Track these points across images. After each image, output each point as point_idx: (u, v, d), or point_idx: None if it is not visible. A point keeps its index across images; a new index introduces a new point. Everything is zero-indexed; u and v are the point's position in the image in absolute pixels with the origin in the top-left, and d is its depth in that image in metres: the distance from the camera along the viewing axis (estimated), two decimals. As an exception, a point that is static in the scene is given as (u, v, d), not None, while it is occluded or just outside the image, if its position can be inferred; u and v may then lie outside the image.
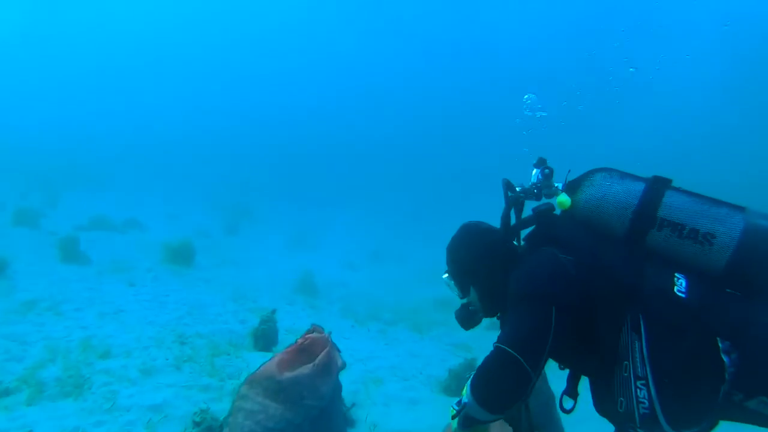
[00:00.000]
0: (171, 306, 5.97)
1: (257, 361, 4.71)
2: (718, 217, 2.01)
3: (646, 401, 1.88)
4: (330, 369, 3.36)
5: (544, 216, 2.39)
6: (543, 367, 2.08)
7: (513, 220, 2.67)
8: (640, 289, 2.03)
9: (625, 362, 1.95)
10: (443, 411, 4.59)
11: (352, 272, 10.79)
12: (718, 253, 1.98)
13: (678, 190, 2.15)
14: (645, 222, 2.10)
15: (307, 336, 3.53)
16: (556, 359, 2.36)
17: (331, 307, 7.54)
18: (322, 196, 21.21)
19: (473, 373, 2.13)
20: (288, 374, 3.20)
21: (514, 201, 2.55)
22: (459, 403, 2.25)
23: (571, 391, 2.28)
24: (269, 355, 5.01)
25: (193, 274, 7.98)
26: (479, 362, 3.19)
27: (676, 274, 2.05)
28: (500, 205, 2.69)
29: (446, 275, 2.72)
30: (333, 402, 3.26)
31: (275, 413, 3.04)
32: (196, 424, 3.15)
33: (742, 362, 1.84)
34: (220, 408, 3.63)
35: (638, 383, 1.91)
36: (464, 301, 2.70)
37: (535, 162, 2.53)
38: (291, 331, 5.89)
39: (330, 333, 3.77)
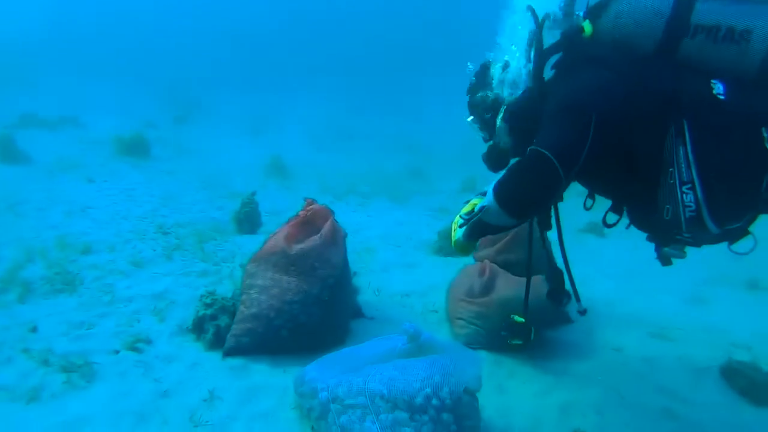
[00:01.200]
0: (141, 199, 5.61)
1: (246, 243, 4.59)
2: (752, 12, 1.92)
3: (692, 204, 1.89)
4: (337, 239, 3.25)
5: (575, 38, 2.24)
6: (572, 177, 2.06)
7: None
8: (680, 96, 1.97)
9: (671, 169, 1.94)
10: (440, 269, 4.72)
11: (321, 152, 10.45)
12: (757, 47, 1.91)
13: None
14: (679, 30, 2.00)
15: (308, 207, 3.36)
16: (597, 187, 2.32)
17: (306, 186, 7.34)
18: (277, 81, 19.85)
19: (501, 177, 2.08)
20: (297, 246, 3.08)
21: (540, 27, 2.33)
22: (469, 213, 2.31)
23: (616, 208, 2.28)
24: (256, 237, 4.87)
25: (154, 166, 7.48)
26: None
27: (711, 81, 1.98)
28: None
29: (470, 118, 2.55)
30: (344, 271, 3.19)
31: (290, 286, 2.96)
32: (208, 306, 3.04)
33: None
34: (222, 290, 3.53)
35: (684, 188, 1.91)
36: (490, 143, 2.57)
37: None
38: (272, 212, 5.73)
39: (313, 200, 3.60)
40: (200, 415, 2.31)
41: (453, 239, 2.35)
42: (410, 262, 4.83)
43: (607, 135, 1.95)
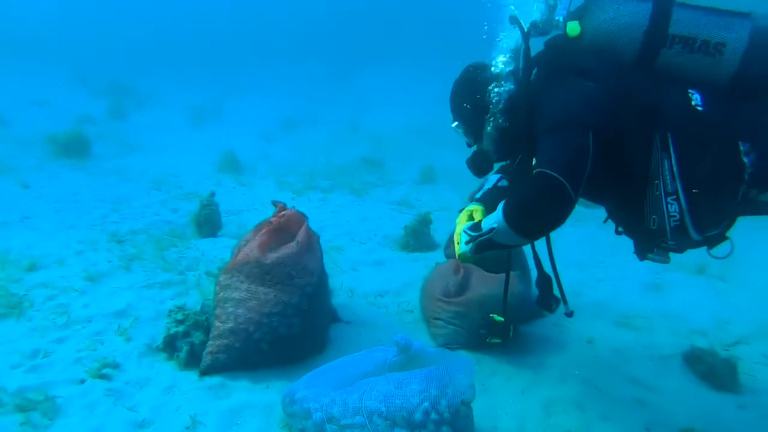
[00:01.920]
0: (88, 205, 5.25)
1: (209, 247, 4.40)
2: (726, 25, 2.00)
3: (677, 214, 1.99)
4: (312, 244, 3.16)
5: (559, 47, 2.27)
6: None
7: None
8: (662, 109, 2.04)
9: (656, 181, 2.02)
10: (409, 266, 4.71)
11: (270, 144, 10.17)
12: (729, 61, 2.01)
13: (683, 5, 2.09)
14: (657, 41, 2.07)
15: (281, 213, 3.23)
16: (590, 195, 2.35)
17: (263, 182, 7.11)
18: (218, 72, 19.04)
19: (507, 199, 2.13)
20: (272, 255, 2.96)
21: (527, 36, 2.33)
22: (473, 228, 2.31)
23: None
24: (219, 240, 4.69)
25: (97, 166, 7.02)
26: (428, 215, 2.98)
27: (689, 90, 2.07)
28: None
29: (455, 123, 2.52)
30: (322, 277, 3.11)
31: (268, 297, 2.84)
32: (179, 322, 2.87)
33: (759, 161, 1.95)
34: (190, 302, 3.37)
35: (669, 199, 2.00)
36: (474, 148, 2.56)
37: None
38: (231, 212, 5.53)
39: (294, 208, 3.48)
40: (184, 445, 2.19)
41: (458, 253, 2.34)
42: (379, 260, 4.79)
43: (600, 149, 1.99)
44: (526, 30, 2.30)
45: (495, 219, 2.10)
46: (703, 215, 1.99)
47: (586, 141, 1.97)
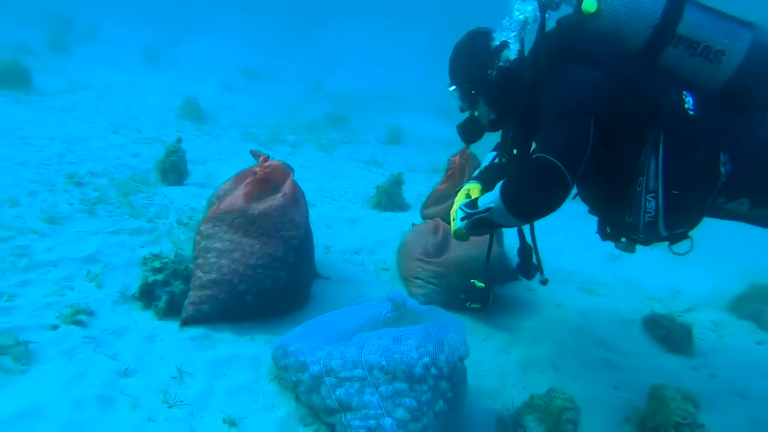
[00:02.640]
0: (39, 142, 4.84)
1: (177, 195, 4.20)
2: (730, 33, 2.06)
3: (652, 211, 2.11)
4: (298, 197, 3.07)
5: (568, 28, 2.27)
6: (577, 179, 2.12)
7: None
8: (659, 109, 2.11)
9: (641, 178, 2.12)
10: (383, 225, 4.70)
11: (233, 93, 9.72)
12: (725, 69, 2.08)
13: (695, 4, 2.12)
14: (665, 37, 2.10)
15: (265, 164, 3.10)
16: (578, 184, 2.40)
17: (227, 133, 6.81)
18: (166, 11, 17.73)
19: (505, 179, 2.18)
20: (259, 206, 2.86)
21: (543, 9, 2.32)
22: (470, 205, 2.33)
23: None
24: (186, 189, 4.49)
25: (43, 101, 6.46)
26: (401, 176, 2.98)
27: (683, 92, 2.14)
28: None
29: (453, 87, 2.47)
30: (307, 232, 3.04)
31: (253, 249, 2.76)
32: (157, 270, 2.74)
33: (732, 173, 2.08)
34: (161, 250, 3.22)
35: (648, 196, 2.11)
36: (467, 114, 2.52)
37: None
38: (196, 161, 5.28)
39: (268, 156, 3.36)
40: (173, 395, 2.12)
41: (453, 229, 2.37)
42: (352, 218, 4.75)
43: (598, 138, 2.03)
44: (541, 2, 2.28)
45: (492, 199, 2.15)
46: (675, 215, 2.12)
47: (588, 128, 2.02)
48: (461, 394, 2.16)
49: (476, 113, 2.47)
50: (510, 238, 3.56)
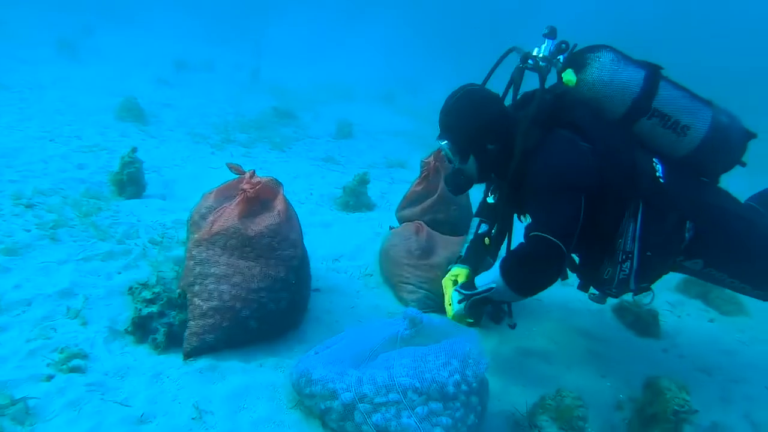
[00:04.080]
0: (-33, 157, 4.35)
1: (142, 211, 3.97)
2: (694, 111, 2.35)
3: (627, 269, 2.35)
4: (291, 213, 3.00)
5: (557, 96, 2.42)
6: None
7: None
8: (637, 179, 2.34)
9: (620, 240, 2.36)
10: (356, 227, 4.68)
11: (169, 88, 9.16)
12: (689, 143, 2.38)
13: (667, 81, 2.39)
14: (642, 110, 2.34)
15: (255, 180, 2.99)
16: None
17: (174, 135, 6.43)
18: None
19: (504, 258, 2.37)
20: (254, 227, 2.76)
21: (520, 73, 2.54)
22: (466, 287, 2.47)
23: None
24: (148, 202, 4.24)
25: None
26: (366, 175, 3.07)
27: (653, 159, 2.41)
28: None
29: (445, 142, 2.51)
30: (304, 248, 2.98)
31: (253, 272, 2.67)
32: (149, 301, 2.59)
33: (693, 238, 2.38)
34: (141, 276, 3.05)
35: (623, 257, 2.35)
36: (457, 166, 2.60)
37: (546, 32, 2.42)
38: (150, 169, 4.96)
39: (254, 171, 3.25)
40: (199, 437, 2.04)
41: (451, 313, 2.51)
42: (325, 221, 4.69)
43: (588, 210, 2.24)
44: (520, 66, 2.46)
45: (492, 278, 2.32)
46: (645, 274, 2.37)
47: (579, 203, 2.21)
48: (486, 405, 2.23)
49: (466, 167, 2.55)
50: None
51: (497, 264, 2.35)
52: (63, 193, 3.99)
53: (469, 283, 2.48)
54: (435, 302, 3.43)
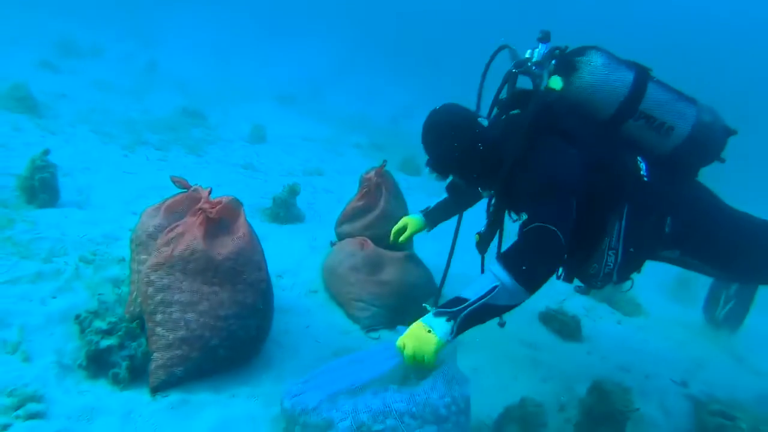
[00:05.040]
0: None
1: (62, 223, 3.60)
2: (679, 112, 2.52)
3: (611, 264, 2.50)
4: (253, 235, 2.91)
5: (546, 103, 2.48)
6: None
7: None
8: (623, 181, 2.48)
9: (606, 238, 2.49)
10: (291, 241, 4.65)
11: (58, 76, 8.18)
12: (672, 141, 2.55)
13: (654, 81, 2.53)
14: (629, 112, 2.49)
15: (216, 200, 2.84)
16: None
17: (77, 131, 5.77)
18: None
19: (502, 255, 2.21)
20: (221, 250, 2.64)
21: (510, 77, 2.56)
22: (452, 304, 2.14)
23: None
24: (68, 212, 3.86)
25: None
26: (296, 186, 3.17)
27: (638, 158, 2.55)
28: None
29: (428, 169, 2.59)
30: (268, 271, 2.91)
31: (220, 298, 2.56)
32: (106, 333, 2.36)
33: (672, 232, 2.57)
34: (80, 300, 2.78)
35: (610, 252, 2.49)
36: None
37: (540, 36, 2.50)
38: (61, 173, 4.42)
39: (211, 189, 3.11)
40: (190, 482, 1.92)
41: (431, 349, 2.04)
42: (258, 234, 4.52)
43: (578, 210, 2.32)
44: (512, 71, 2.52)
45: (489, 281, 2.10)
46: (627, 266, 2.55)
47: (571, 202, 2.29)
48: (469, 421, 2.37)
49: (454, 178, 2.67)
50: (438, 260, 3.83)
51: (493, 266, 2.15)
52: (-41, 201, 3.45)
53: (455, 300, 2.14)
54: (387, 318, 3.52)
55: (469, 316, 2.09)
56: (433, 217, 3.53)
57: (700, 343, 4.45)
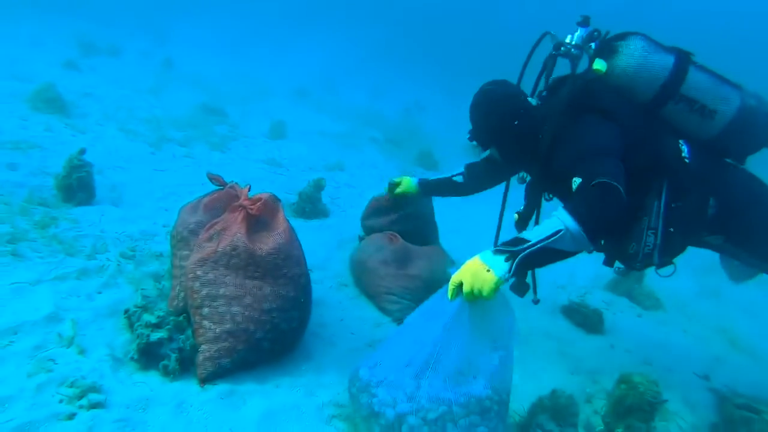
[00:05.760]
0: None
1: (104, 222, 3.68)
2: (722, 96, 2.51)
3: (651, 244, 2.47)
4: (292, 231, 2.99)
5: (586, 83, 2.53)
6: None
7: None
8: (663, 159, 2.49)
9: (645, 217, 2.48)
10: (316, 235, 4.73)
11: (81, 75, 8.31)
12: (715, 126, 2.53)
13: (696, 66, 2.53)
14: (669, 95, 2.50)
15: (256, 197, 2.93)
16: None
17: (105, 130, 5.87)
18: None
19: (566, 204, 2.17)
20: (263, 246, 2.73)
21: (553, 59, 2.59)
22: (513, 243, 2.08)
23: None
24: (105, 210, 3.97)
25: None
26: (321, 181, 3.28)
27: (679, 141, 2.56)
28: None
29: (473, 141, 2.66)
30: (307, 265, 2.99)
31: (263, 292, 2.65)
32: (155, 326, 2.46)
33: (716, 215, 2.55)
34: (124, 296, 2.89)
35: (649, 232, 2.47)
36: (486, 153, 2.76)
37: (579, 21, 2.53)
38: (94, 171, 4.53)
39: (249, 186, 3.21)
40: (247, 467, 2.02)
41: (492, 282, 2.01)
42: (288, 230, 4.63)
43: None
44: (553, 53, 2.55)
45: (556, 224, 2.05)
46: (668, 248, 2.51)
47: (621, 165, 2.28)
48: (507, 412, 2.45)
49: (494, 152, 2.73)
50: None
51: (559, 212, 2.11)
52: (4, 199, 3.56)
53: (516, 240, 2.08)
54: (417, 311, 3.59)
55: (528, 257, 2.03)
56: (426, 187, 3.79)
57: (718, 339, 4.50)
